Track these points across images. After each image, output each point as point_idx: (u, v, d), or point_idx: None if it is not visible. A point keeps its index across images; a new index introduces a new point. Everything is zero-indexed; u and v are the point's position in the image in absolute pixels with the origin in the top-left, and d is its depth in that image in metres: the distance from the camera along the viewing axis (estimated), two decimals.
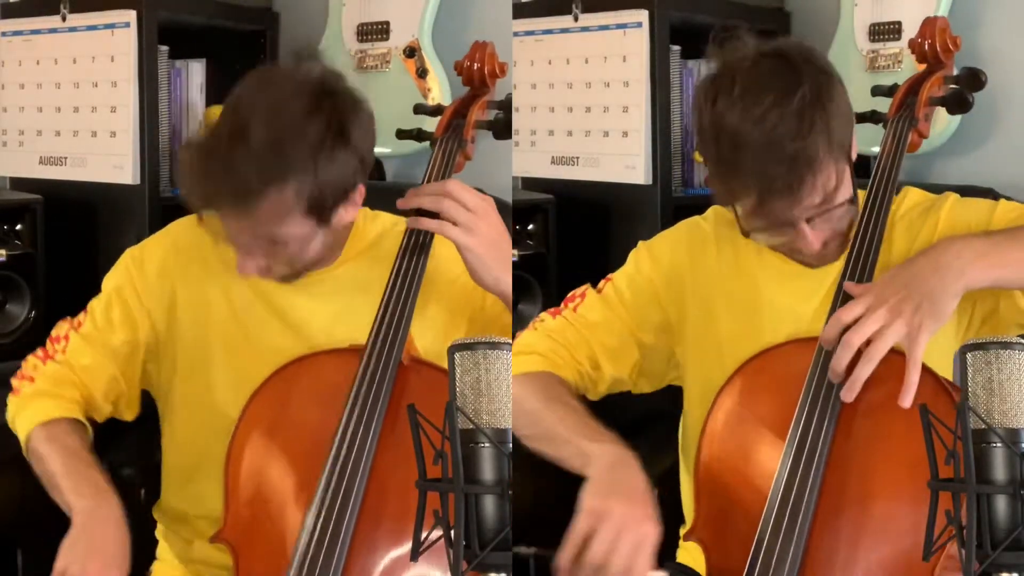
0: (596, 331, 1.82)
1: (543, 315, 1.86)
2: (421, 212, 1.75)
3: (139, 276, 1.83)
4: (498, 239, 1.74)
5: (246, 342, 1.79)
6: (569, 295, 1.88)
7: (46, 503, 1.73)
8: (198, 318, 1.81)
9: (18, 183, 2.90)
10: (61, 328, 1.85)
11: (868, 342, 1.57)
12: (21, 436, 1.76)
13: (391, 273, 1.74)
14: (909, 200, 1.80)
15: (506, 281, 1.74)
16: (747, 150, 1.58)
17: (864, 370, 1.56)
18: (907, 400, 1.52)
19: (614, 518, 1.46)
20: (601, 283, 1.87)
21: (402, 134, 2.00)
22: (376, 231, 1.85)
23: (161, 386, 1.86)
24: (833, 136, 1.60)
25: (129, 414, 1.85)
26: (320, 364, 1.72)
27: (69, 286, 2.73)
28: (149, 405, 1.89)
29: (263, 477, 1.66)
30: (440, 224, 1.72)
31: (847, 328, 1.60)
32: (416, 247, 1.75)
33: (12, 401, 1.80)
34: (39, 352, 1.84)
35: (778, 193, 1.59)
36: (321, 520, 1.57)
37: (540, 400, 1.71)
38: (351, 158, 1.65)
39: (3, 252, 2.58)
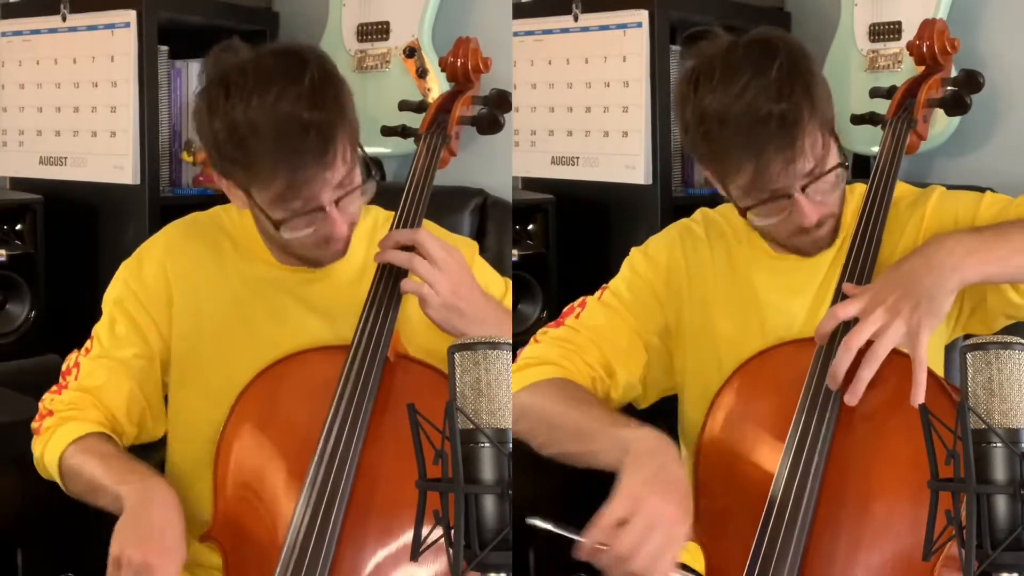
0: (603, 334, 1.81)
1: (545, 328, 1.85)
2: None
3: (139, 286, 1.82)
4: (460, 293, 1.68)
5: (239, 342, 1.79)
6: (566, 308, 1.87)
7: (46, 503, 1.73)
8: (193, 320, 1.81)
9: (18, 183, 2.90)
10: (70, 360, 1.83)
11: (868, 342, 1.57)
12: (52, 468, 1.72)
13: (376, 273, 1.74)
14: (895, 194, 1.80)
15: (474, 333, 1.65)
16: (733, 124, 1.61)
17: (867, 372, 1.56)
18: (919, 398, 1.51)
19: (649, 511, 1.42)
20: (598, 292, 1.87)
21: (387, 131, 2.00)
22: (369, 225, 1.85)
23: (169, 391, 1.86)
24: (816, 102, 1.62)
25: (158, 430, 1.84)
26: (308, 361, 1.72)
27: (69, 286, 2.74)
28: None
29: (251, 474, 1.66)
30: (418, 286, 1.68)
31: (844, 325, 1.60)
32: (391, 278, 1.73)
33: (36, 442, 1.77)
34: (52, 389, 1.82)
35: (773, 156, 1.61)
36: (308, 516, 1.57)
37: (559, 402, 1.69)
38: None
39: (3, 252, 2.58)
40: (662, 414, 1.91)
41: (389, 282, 1.72)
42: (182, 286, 1.81)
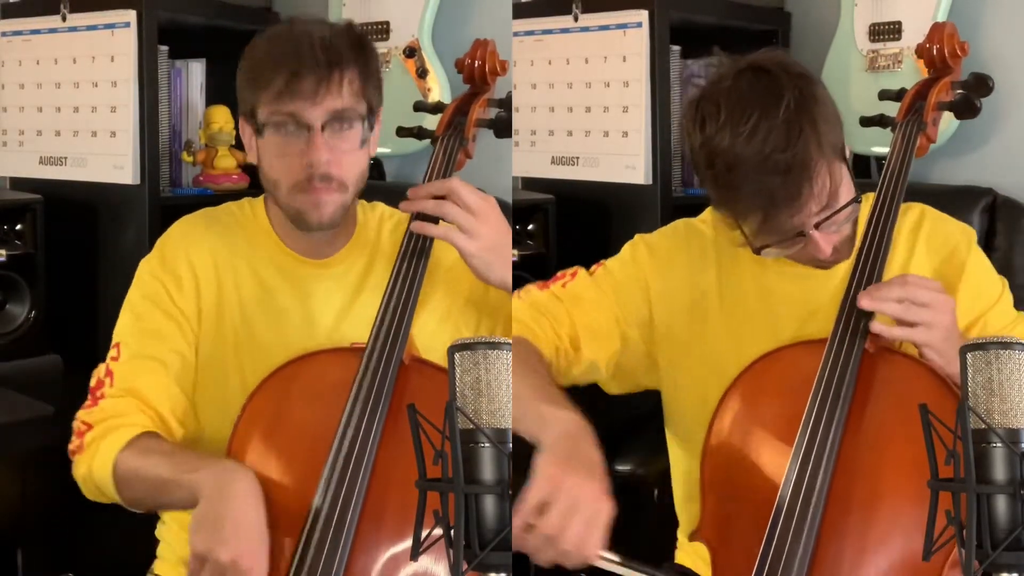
0: (581, 308, 1.81)
1: (530, 287, 1.86)
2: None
3: (167, 278, 1.78)
4: (500, 240, 1.72)
5: (252, 338, 1.79)
6: (559, 273, 1.87)
7: (46, 503, 1.72)
8: (215, 312, 1.80)
9: (18, 183, 2.90)
10: (98, 372, 1.74)
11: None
12: (105, 480, 1.62)
13: (392, 272, 1.74)
14: (935, 214, 1.82)
15: (508, 279, 1.75)
16: (742, 169, 1.60)
17: (888, 305, 1.62)
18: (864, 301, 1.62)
19: (571, 490, 1.40)
20: (594, 267, 1.88)
21: (403, 132, 1.99)
22: (375, 221, 1.86)
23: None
24: (823, 139, 1.60)
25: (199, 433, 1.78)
26: (321, 363, 1.72)
27: (69, 286, 2.74)
28: None
29: (262, 475, 1.65)
30: (445, 231, 1.70)
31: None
32: (417, 250, 1.74)
33: (78, 461, 1.67)
34: (84, 405, 1.71)
35: (781, 205, 1.60)
36: (323, 519, 1.56)
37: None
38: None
39: (3, 252, 2.58)
40: (661, 414, 1.91)
41: (404, 286, 1.72)
42: (206, 276, 1.80)
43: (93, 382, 1.74)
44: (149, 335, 1.75)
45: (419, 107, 2.04)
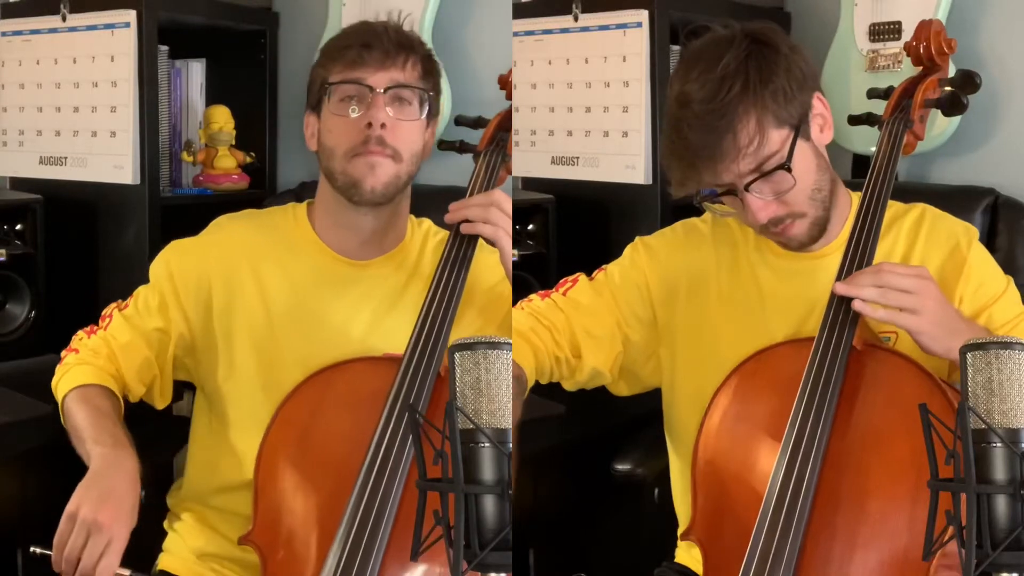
0: (582, 316, 1.83)
1: (533, 296, 1.88)
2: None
3: (178, 270, 1.86)
4: None
5: (276, 344, 1.80)
6: (561, 280, 1.89)
7: (46, 503, 1.72)
8: (233, 318, 1.83)
9: (18, 183, 2.90)
10: (110, 307, 1.90)
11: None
12: (59, 401, 1.80)
13: (432, 283, 1.75)
14: (933, 213, 1.82)
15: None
16: (677, 114, 1.65)
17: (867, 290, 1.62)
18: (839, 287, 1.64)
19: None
20: (596, 272, 1.88)
21: (444, 145, 2.00)
22: (420, 237, 1.90)
23: (199, 378, 1.89)
24: (757, 100, 1.63)
25: (160, 402, 1.89)
26: (355, 372, 1.73)
27: (69, 286, 2.74)
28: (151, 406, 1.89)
29: (294, 481, 1.66)
30: (495, 230, 1.74)
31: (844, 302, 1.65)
32: (458, 259, 1.76)
33: (57, 370, 1.84)
34: (88, 328, 1.89)
35: (700, 153, 1.63)
36: (356, 529, 1.56)
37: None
38: None
39: (3, 252, 2.58)
40: (661, 414, 1.91)
41: (444, 297, 1.73)
42: (228, 282, 1.83)
43: (104, 312, 1.90)
44: (148, 307, 1.86)
45: (460, 121, 2.05)
